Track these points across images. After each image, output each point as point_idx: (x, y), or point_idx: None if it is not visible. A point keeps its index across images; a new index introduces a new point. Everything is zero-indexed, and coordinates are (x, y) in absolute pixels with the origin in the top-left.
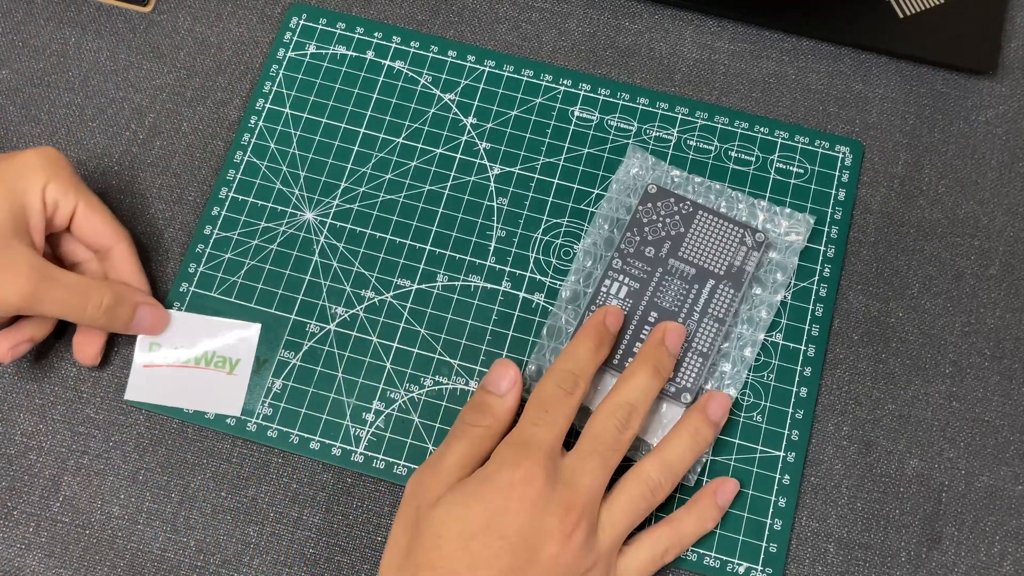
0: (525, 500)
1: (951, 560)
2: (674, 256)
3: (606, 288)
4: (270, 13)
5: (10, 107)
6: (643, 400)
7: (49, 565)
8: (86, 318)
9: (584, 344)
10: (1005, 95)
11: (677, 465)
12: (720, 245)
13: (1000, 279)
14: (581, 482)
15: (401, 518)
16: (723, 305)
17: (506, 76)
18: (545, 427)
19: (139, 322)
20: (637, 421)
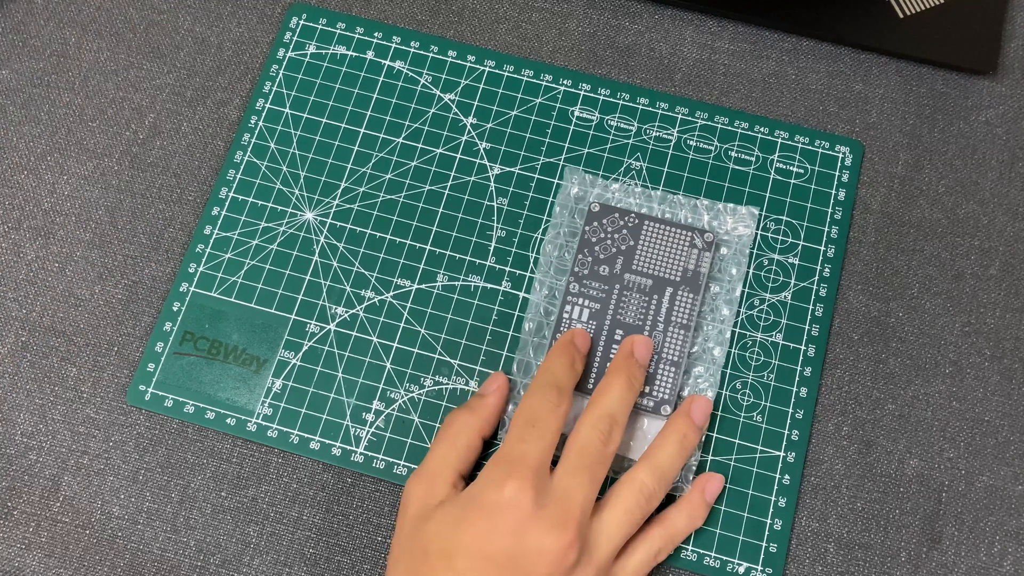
0: (513, 520)
1: (951, 560)
2: (628, 270)
3: (567, 314)
4: (270, 13)
5: (10, 107)
6: (621, 411)
7: (49, 565)
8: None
9: (559, 360)
10: (1005, 95)
11: (669, 471)
12: (671, 252)
13: (1000, 279)
14: (573, 498)
15: (400, 526)
16: (685, 311)
17: (506, 76)
18: (532, 443)
19: None
20: (618, 433)
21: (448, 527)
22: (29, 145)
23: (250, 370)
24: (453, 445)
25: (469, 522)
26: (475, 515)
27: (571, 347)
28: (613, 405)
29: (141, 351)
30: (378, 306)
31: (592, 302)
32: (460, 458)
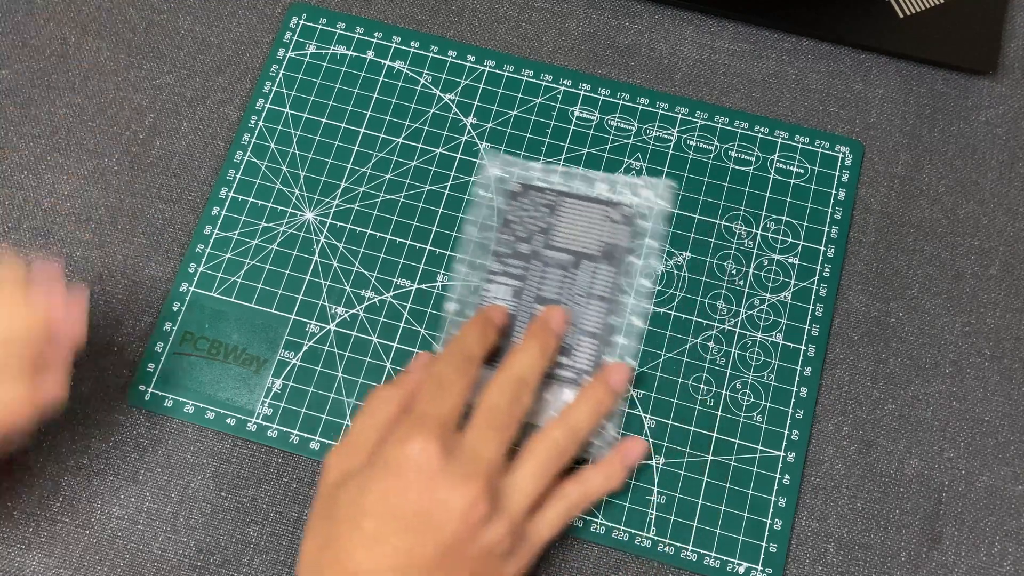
0: (421, 476)
1: (951, 560)
2: (548, 247)
3: (488, 292)
4: (270, 13)
5: (10, 107)
6: (531, 375)
7: (49, 565)
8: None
9: (471, 330)
10: (1005, 95)
11: (581, 430)
12: (590, 227)
13: (1000, 279)
14: (480, 454)
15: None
16: (605, 284)
17: (506, 76)
18: (439, 402)
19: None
20: (527, 395)
21: (357, 490)
22: (29, 145)
23: (250, 370)
24: (372, 416)
25: (375, 480)
26: (381, 474)
27: (485, 319)
28: (523, 368)
29: (141, 351)
30: (378, 306)
31: (513, 279)
32: (378, 430)
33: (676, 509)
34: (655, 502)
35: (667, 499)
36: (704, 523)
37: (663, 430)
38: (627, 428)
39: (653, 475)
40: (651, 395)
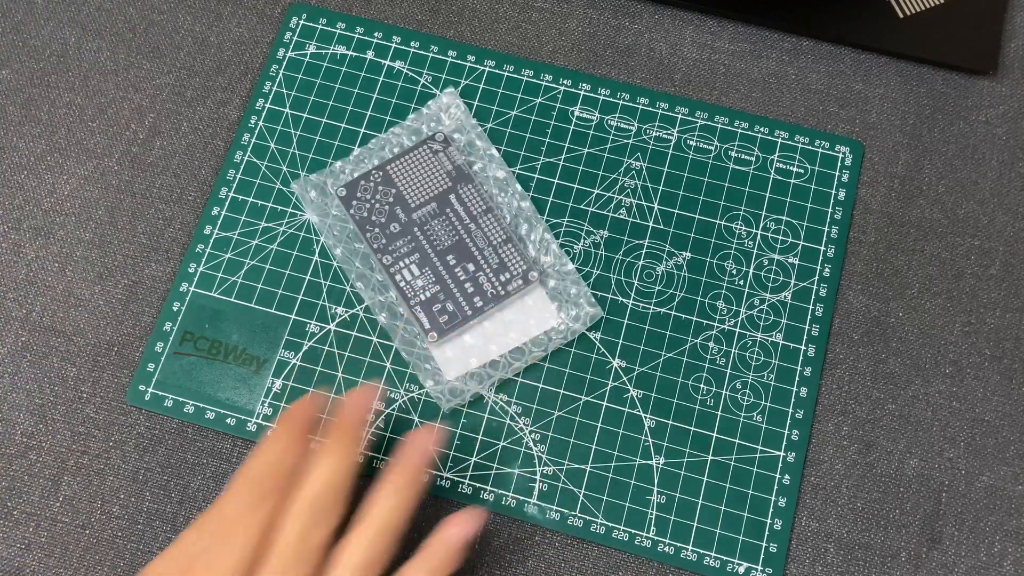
0: None
1: (951, 560)
2: (411, 211)
3: (402, 282)
4: (270, 13)
5: (10, 107)
6: (399, 520)
7: (49, 565)
8: None
9: (269, 448)
10: (1005, 95)
11: (393, 527)
12: (426, 171)
13: (1000, 279)
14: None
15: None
16: (477, 201)
17: (506, 76)
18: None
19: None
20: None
21: None
22: (29, 145)
23: (250, 370)
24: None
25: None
26: None
27: (289, 419)
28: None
29: (141, 351)
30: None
31: (409, 257)
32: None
33: (676, 509)
34: (655, 502)
35: (667, 499)
36: (704, 523)
37: (663, 430)
38: (627, 428)
39: (653, 475)
40: (651, 395)
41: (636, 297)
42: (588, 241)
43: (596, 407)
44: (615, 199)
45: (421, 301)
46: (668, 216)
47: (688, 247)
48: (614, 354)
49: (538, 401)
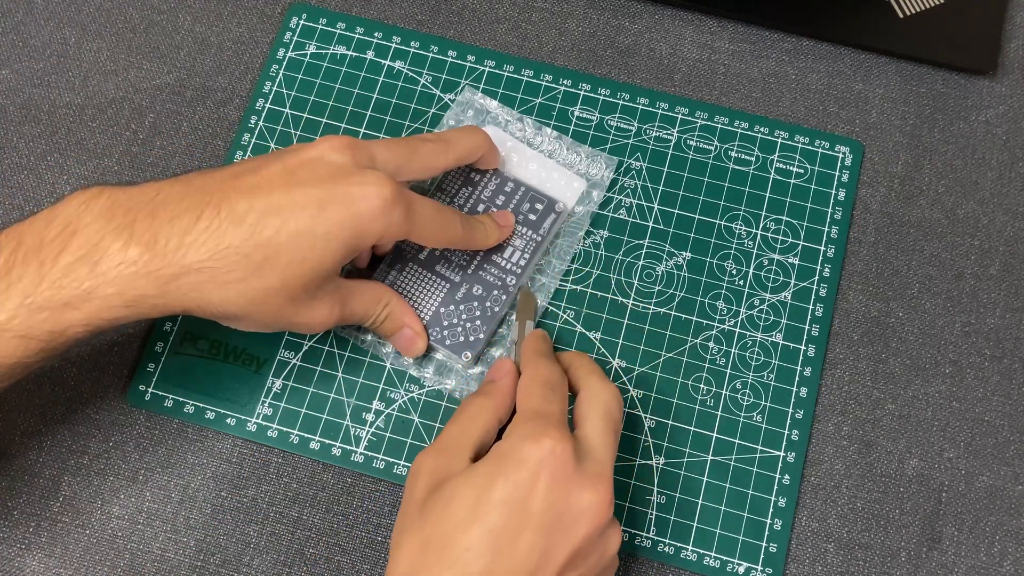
0: (557, 476)
1: (951, 560)
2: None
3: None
4: (270, 13)
5: (10, 107)
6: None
7: (49, 565)
8: (368, 324)
9: (540, 340)
10: (1005, 95)
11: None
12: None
13: (1000, 279)
14: (606, 457)
15: (408, 500)
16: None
17: (506, 76)
18: (557, 403)
19: (397, 341)
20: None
21: (477, 486)
22: (29, 145)
23: (250, 370)
24: (471, 422)
25: (505, 476)
26: (512, 469)
27: (543, 337)
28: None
29: (141, 351)
30: None
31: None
32: (477, 437)
33: (676, 509)
34: (655, 502)
35: (667, 499)
36: (704, 523)
37: (663, 430)
38: (627, 428)
39: (653, 475)
40: (651, 395)
41: (636, 297)
42: (588, 241)
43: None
44: (615, 199)
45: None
46: (668, 216)
47: (688, 247)
48: (614, 354)
49: None
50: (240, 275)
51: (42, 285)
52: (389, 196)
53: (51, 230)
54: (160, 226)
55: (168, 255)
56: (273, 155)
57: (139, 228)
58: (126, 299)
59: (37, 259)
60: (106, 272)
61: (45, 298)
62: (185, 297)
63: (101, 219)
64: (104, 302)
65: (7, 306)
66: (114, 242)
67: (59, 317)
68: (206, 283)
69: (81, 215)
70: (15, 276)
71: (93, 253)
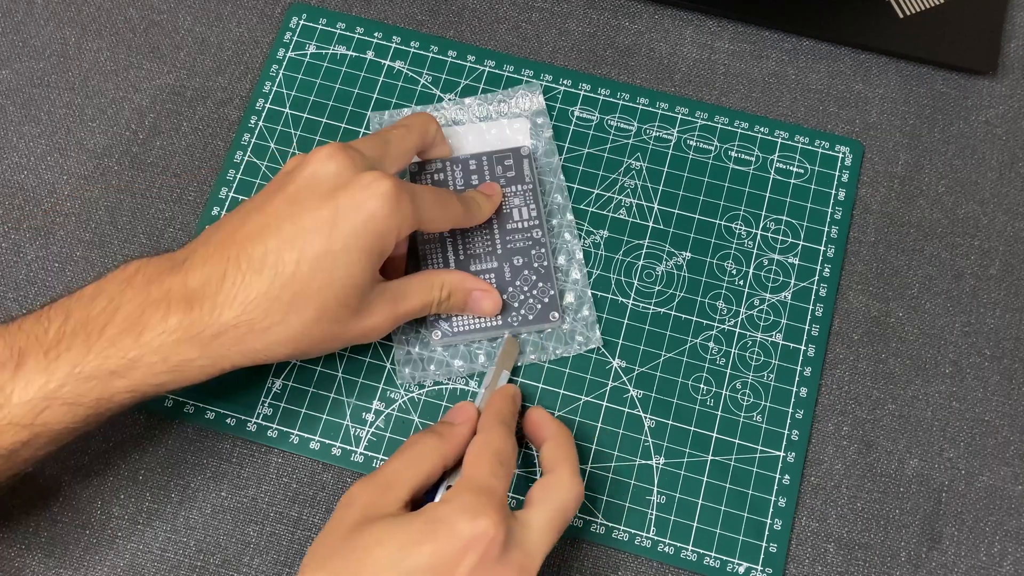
0: (483, 559)
1: (951, 560)
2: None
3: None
4: (270, 13)
5: (10, 107)
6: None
7: (49, 565)
8: (433, 309)
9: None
10: (1005, 95)
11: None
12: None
13: (1000, 279)
14: (538, 552)
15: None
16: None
17: (506, 76)
18: (503, 479)
19: (474, 307)
20: None
21: (404, 544)
22: (29, 145)
23: (250, 370)
24: (416, 463)
25: (434, 544)
26: (442, 539)
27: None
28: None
29: None
30: None
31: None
32: (419, 479)
33: (676, 509)
34: (655, 502)
35: (667, 499)
36: (704, 523)
37: (663, 430)
38: (627, 428)
39: (653, 475)
40: (651, 395)
41: (636, 297)
42: (588, 241)
43: (596, 407)
44: (615, 199)
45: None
46: (668, 216)
47: (688, 247)
48: (614, 354)
49: (538, 401)
50: (276, 318)
51: (89, 355)
52: (392, 190)
53: (96, 305)
54: (193, 292)
55: (204, 318)
56: (274, 185)
57: (174, 297)
58: (170, 365)
59: (84, 331)
60: (150, 341)
61: (93, 367)
62: (230, 352)
63: (140, 294)
64: (149, 369)
65: (57, 375)
66: (154, 314)
67: (106, 385)
68: (246, 336)
69: (123, 291)
70: (64, 347)
71: (136, 325)
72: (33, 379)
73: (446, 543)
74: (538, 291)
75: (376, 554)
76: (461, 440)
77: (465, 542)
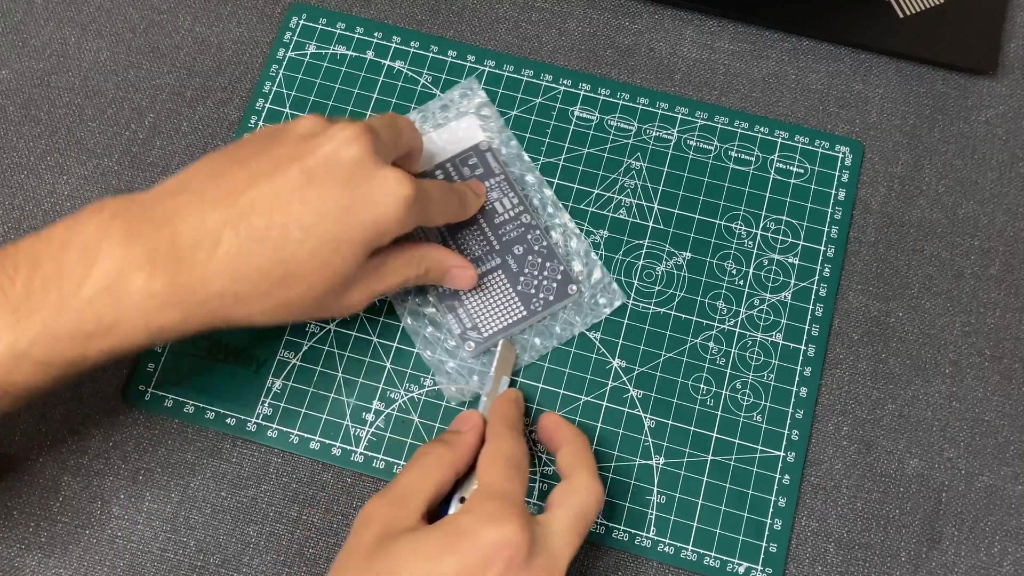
0: (507, 563)
1: (951, 560)
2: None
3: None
4: (270, 13)
5: (10, 107)
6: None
7: (49, 565)
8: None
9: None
10: (1005, 95)
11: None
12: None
13: (1000, 279)
14: (563, 555)
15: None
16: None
17: (506, 76)
18: (519, 483)
19: (449, 282)
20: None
21: (428, 558)
22: (29, 145)
23: (250, 370)
24: (428, 474)
25: (459, 555)
26: (466, 549)
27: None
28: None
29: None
30: (378, 306)
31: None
32: (432, 490)
33: (676, 509)
34: (655, 502)
35: (667, 499)
36: (704, 523)
37: (663, 430)
38: (627, 428)
39: (653, 475)
40: (651, 395)
41: (636, 297)
42: (588, 241)
43: (596, 407)
44: (615, 199)
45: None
46: (668, 216)
47: (688, 247)
48: (614, 354)
49: (538, 401)
50: (264, 291)
51: (63, 316)
52: (410, 197)
53: (69, 255)
54: (181, 253)
55: (193, 284)
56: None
57: (160, 258)
58: (151, 330)
59: (57, 286)
60: (130, 307)
61: (67, 329)
62: (210, 317)
63: (120, 247)
64: (128, 334)
65: (27, 334)
66: (137, 275)
67: (81, 347)
68: (231, 305)
69: (99, 242)
70: (35, 304)
71: (116, 286)
72: (1, 336)
73: (471, 553)
74: (548, 271)
75: (402, 570)
76: (470, 448)
77: (490, 550)
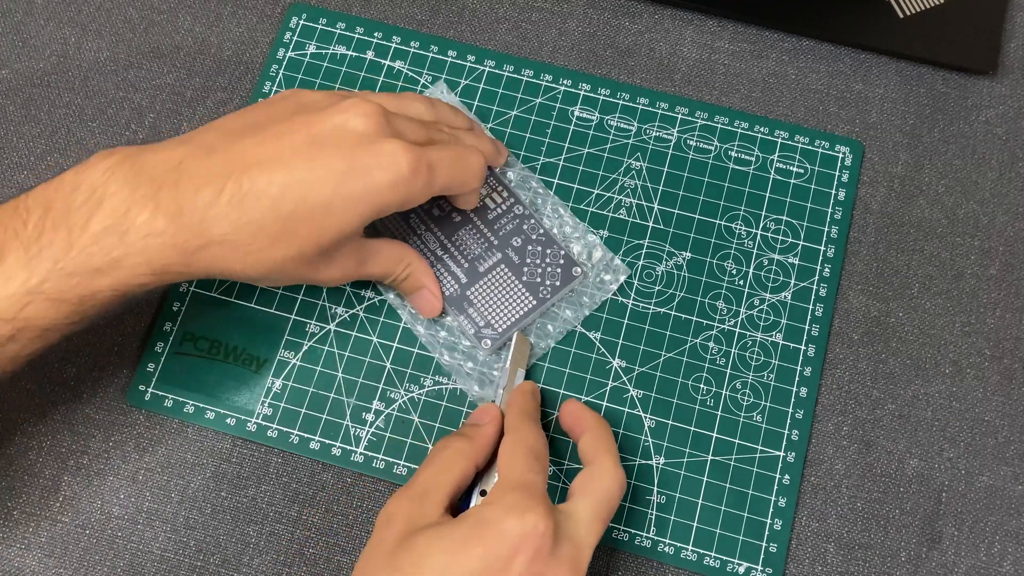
0: (534, 556)
1: (951, 560)
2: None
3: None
4: (270, 13)
5: (10, 107)
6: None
7: (49, 565)
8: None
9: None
10: (1005, 95)
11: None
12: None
13: (1000, 279)
14: (586, 543)
15: (377, 543)
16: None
17: (506, 76)
18: (540, 473)
19: (416, 300)
20: None
21: (453, 551)
22: (29, 145)
23: (250, 370)
24: (448, 468)
25: (484, 547)
26: (491, 541)
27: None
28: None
29: (141, 351)
30: (378, 306)
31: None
32: (454, 484)
33: (676, 509)
34: (655, 502)
35: (667, 499)
36: (704, 523)
37: (663, 430)
38: (627, 428)
39: (653, 475)
40: (651, 395)
41: (636, 297)
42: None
43: (596, 407)
44: (615, 199)
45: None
46: (668, 216)
47: (688, 247)
48: (614, 354)
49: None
50: (261, 245)
51: (72, 251)
52: (408, 167)
53: (78, 196)
54: (185, 198)
55: (193, 227)
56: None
57: (164, 199)
58: (153, 268)
59: (66, 225)
60: (134, 243)
61: (76, 264)
62: (209, 265)
63: (126, 188)
64: (132, 270)
65: (38, 271)
66: (141, 212)
67: (90, 282)
68: (228, 254)
69: (107, 183)
70: (45, 241)
71: (121, 223)
72: (15, 274)
73: (496, 544)
74: (550, 258)
75: (425, 569)
76: (489, 440)
77: (515, 540)
